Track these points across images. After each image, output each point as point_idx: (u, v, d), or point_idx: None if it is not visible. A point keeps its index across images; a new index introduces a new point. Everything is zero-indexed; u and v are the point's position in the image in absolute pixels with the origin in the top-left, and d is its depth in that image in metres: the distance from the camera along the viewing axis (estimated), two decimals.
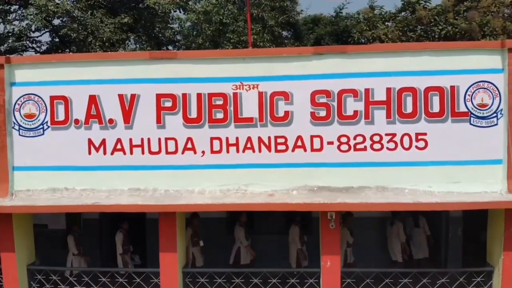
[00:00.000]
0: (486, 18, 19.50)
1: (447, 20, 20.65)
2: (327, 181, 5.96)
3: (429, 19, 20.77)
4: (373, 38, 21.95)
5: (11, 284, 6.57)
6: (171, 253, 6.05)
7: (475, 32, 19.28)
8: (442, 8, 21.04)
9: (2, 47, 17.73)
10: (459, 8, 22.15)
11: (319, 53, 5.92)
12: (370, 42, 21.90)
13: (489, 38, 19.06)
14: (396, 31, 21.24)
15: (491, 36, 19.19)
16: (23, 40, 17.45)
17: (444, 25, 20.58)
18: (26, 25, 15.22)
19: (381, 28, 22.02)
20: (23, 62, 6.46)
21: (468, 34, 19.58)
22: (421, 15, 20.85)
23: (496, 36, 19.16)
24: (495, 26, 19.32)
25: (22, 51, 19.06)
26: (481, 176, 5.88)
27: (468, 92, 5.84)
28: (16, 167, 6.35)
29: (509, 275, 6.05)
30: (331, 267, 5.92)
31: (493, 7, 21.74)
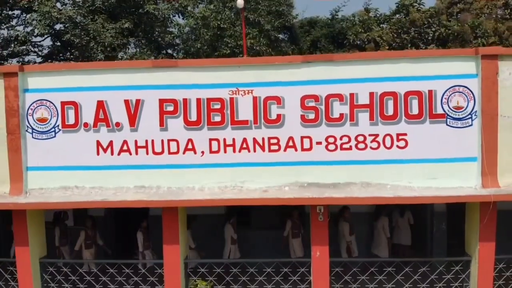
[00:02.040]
0: (478, 20, 20.10)
1: (440, 22, 21.25)
2: (316, 177, 6.55)
3: (423, 21, 21.37)
4: (368, 40, 22.57)
5: (25, 276, 7.14)
6: (174, 245, 6.64)
7: (467, 34, 19.89)
8: (435, 10, 21.64)
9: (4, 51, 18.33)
10: (452, 10, 22.77)
11: (308, 61, 6.52)
12: (365, 44, 22.52)
13: (481, 40, 19.66)
14: (390, 33, 21.85)
15: (482, 38, 19.79)
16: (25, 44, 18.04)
17: (438, 27, 21.19)
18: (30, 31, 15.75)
19: (376, 30, 22.64)
20: (35, 70, 7.04)
21: (460, 36, 20.17)
22: (414, 17, 21.47)
23: (487, 38, 19.75)
24: (487, 28, 19.94)
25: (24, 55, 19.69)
26: (457, 173, 6.47)
27: (444, 95, 6.44)
28: (29, 167, 6.93)
29: (484, 264, 6.64)
30: (320, 256, 6.52)
31: (485, 8, 22.36)
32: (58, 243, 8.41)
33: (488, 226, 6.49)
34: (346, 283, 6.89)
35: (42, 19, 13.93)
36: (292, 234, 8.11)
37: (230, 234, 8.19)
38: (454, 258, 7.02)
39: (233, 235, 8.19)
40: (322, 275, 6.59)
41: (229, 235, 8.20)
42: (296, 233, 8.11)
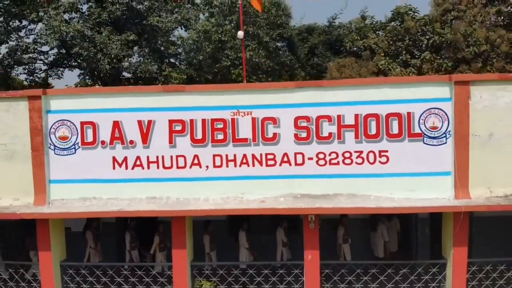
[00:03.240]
0: (470, 29, 20.99)
1: (434, 29, 22.15)
2: (308, 189, 7.47)
3: (417, 29, 22.29)
4: (364, 47, 23.50)
5: (47, 278, 8.07)
6: (182, 249, 7.57)
7: (459, 42, 20.80)
8: (429, 18, 22.52)
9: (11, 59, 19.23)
10: (446, 17, 23.67)
11: (300, 86, 7.44)
12: (361, 51, 23.45)
13: (473, 48, 20.56)
14: (385, 40, 22.78)
15: (474, 46, 20.67)
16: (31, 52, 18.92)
17: (431, 35, 22.09)
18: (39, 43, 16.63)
19: (372, 37, 23.57)
20: (57, 94, 7.97)
21: (453, 44, 21.06)
22: (409, 25, 22.38)
23: (479, 46, 20.63)
24: (479, 36, 20.83)
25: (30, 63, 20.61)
26: (433, 185, 7.39)
27: (421, 117, 7.35)
28: (52, 180, 7.85)
29: (458, 266, 7.57)
30: (312, 259, 7.44)
31: (479, 16, 23.30)
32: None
33: (460, 232, 7.41)
34: (335, 283, 7.81)
35: (52, 32, 14.79)
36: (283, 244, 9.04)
37: (281, 238, 9.04)
38: (431, 261, 7.95)
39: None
40: (313, 276, 7.52)
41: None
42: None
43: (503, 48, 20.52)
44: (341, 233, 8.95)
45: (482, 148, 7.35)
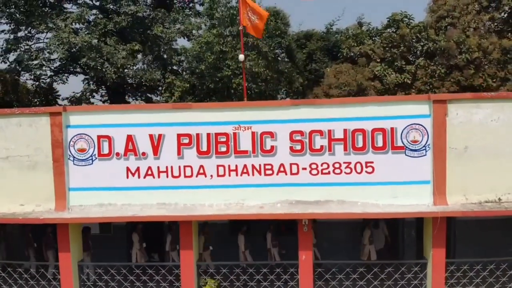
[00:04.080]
0: (462, 37, 21.94)
1: (428, 36, 23.10)
2: (302, 196, 8.44)
3: (411, 36, 23.24)
4: (360, 53, 24.49)
5: (66, 276, 9.02)
6: (189, 250, 8.54)
7: (452, 50, 21.77)
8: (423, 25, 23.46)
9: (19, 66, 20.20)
10: (440, 24, 24.62)
11: (295, 104, 8.41)
12: (357, 57, 24.44)
13: (465, 55, 21.52)
14: (381, 47, 23.75)
15: (467, 53, 21.63)
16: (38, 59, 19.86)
17: (426, 42, 23.04)
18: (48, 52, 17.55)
19: (368, 44, 24.53)
20: (76, 111, 8.93)
21: (446, 51, 22.02)
22: (404, 32, 23.35)
23: (471, 53, 21.58)
24: (471, 43, 21.79)
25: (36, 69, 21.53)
26: (414, 193, 8.35)
27: (404, 131, 8.31)
28: (71, 188, 8.81)
29: (437, 266, 8.52)
30: (305, 259, 8.41)
31: (472, 23, 24.27)
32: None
33: (438, 235, 8.37)
34: (326, 281, 8.78)
35: (61, 43, 15.73)
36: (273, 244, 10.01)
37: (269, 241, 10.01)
38: (413, 261, 8.93)
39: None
40: (307, 274, 8.49)
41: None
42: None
43: (494, 55, 21.46)
44: (367, 235, 9.96)
45: (458, 160, 8.30)
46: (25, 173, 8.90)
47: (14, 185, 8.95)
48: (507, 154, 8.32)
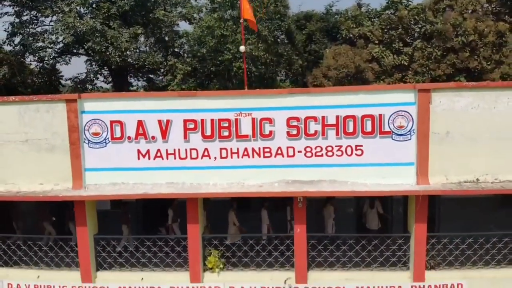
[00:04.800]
0: (459, 19, 22.54)
1: (426, 18, 23.69)
2: (297, 176, 9.39)
3: (409, 18, 23.82)
4: (359, 35, 25.11)
5: (83, 249, 10.07)
6: (195, 224, 9.57)
7: (448, 32, 22.43)
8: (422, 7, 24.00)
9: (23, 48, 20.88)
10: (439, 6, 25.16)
11: (292, 93, 9.27)
12: (356, 39, 25.07)
13: (461, 38, 22.18)
14: (379, 29, 24.35)
15: (463, 36, 22.28)
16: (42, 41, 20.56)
17: (424, 24, 23.66)
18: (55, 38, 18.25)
19: (367, 25, 25.12)
20: (90, 98, 9.76)
21: (443, 34, 22.66)
22: (402, 14, 23.95)
23: (467, 36, 22.23)
24: (467, 26, 22.42)
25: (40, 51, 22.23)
26: (399, 174, 9.29)
27: (390, 118, 9.19)
28: (87, 168, 9.75)
29: (418, 239, 9.55)
30: (300, 232, 9.45)
31: (470, 5, 24.84)
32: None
33: (420, 211, 9.38)
34: (319, 252, 9.85)
35: (66, 28, 16.41)
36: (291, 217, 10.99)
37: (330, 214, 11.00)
38: (398, 234, 9.98)
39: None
40: (301, 246, 9.55)
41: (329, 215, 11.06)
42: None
43: (490, 38, 22.11)
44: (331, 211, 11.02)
45: (440, 144, 9.22)
46: (43, 155, 9.81)
47: (33, 166, 9.86)
48: (485, 139, 9.21)
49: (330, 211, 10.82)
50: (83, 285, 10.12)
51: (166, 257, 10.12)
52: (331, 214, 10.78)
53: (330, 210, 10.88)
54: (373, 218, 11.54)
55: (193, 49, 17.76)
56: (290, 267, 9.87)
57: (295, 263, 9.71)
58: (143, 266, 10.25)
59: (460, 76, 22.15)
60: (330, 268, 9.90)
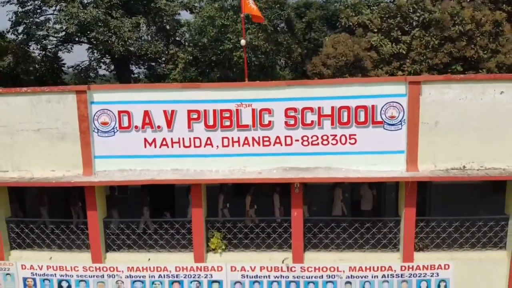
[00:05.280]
0: (456, 8, 22.98)
1: (425, 7, 24.11)
2: (294, 163, 10.09)
3: (408, 7, 24.26)
4: (358, 23, 25.57)
5: (94, 231, 10.83)
6: (199, 208, 10.30)
7: (446, 22, 22.88)
8: None
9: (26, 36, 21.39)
10: None
11: (290, 85, 9.90)
12: (355, 27, 25.53)
13: (458, 27, 22.64)
14: (378, 17, 24.79)
15: (460, 25, 22.74)
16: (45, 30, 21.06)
17: (422, 12, 24.09)
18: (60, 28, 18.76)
19: (366, 14, 25.57)
20: (99, 89, 10.39)
21: (441, 23, 23.12)
22: (401, 3, 24.37)
23: (464, 25, 22.69)
24: (464, 16, 22.87)
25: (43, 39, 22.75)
26: (390, 161, 9.99)
27: (383, 108, 9.84)
28: (96, 156, 10.43)
29: (408, 223, 10.29)
30: (296, 215, 10.19)
31: None
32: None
33: (410, 197, 10.10)
34: (314, 234, 10.61)
35: (70, 18, 16.91)
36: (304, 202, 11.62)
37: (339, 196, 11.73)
38: (389, 218, 10.72)
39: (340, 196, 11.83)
40: (298, 228, 10.30)
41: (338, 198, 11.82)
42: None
43: (487, 27, 22.58)
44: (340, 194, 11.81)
45: (429, 133, 9.89)
46: (55, 144, 10.48)
47: (46, 154, 10.53)
48: (472, 128, 9.87)
49: (338, 193, 11.55)
50: (93, 265, 10.90)
51: (171, 239, 10.89)
52: (339, 196, 11.49)
53: (338, 192, 11.60)
54: (368, 200, 12.29)
55: (194, 39, 18.26)
56: (288, 248, 10.64)
57: (292, 245, 10.49)
58: (150, 248, 11.03)
59: (456, 65, 22.69)
60: (325, 249, 10.68)
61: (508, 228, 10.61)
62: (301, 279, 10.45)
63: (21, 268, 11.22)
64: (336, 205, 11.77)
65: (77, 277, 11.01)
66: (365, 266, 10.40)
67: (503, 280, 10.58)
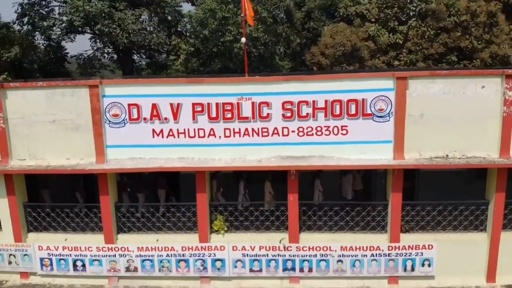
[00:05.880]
0: (452, 0, 23.77)
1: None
2: (291, 152, 11.13)
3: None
4: (356, 13, 26.36)
5: (106, 215, 11.94)
6: (203, 193, 11.40)
7: (442, 13, 23.69)
8: None
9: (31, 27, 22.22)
10: None
11: (287, 80, 10.89)
12: (354, 17, 26.32)
13: (453, 18, 23.46)
14: (376, 8, 25.58)
15: (455, 16, 23.55)
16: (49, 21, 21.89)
17: (419, 2, 24.87)
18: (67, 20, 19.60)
19: (364, 3, 26.36)
20: (110, 84, 11.36)
21: (437, 14, 23.93)
22: None
23: (459, 16, 23.50)
24: (460, 7, 23.66)
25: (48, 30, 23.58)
26: (379, 150, 11.03)
27: (372, 102, 10.84)
28: (108, 145, 11.47)
29: (394, 207, 11.40)
30: (292, 200, 11.29)
31: None
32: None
33: (396, 183, 11.18)
34: (309, 216, 11.73)
35: (75, 11, 17.77)
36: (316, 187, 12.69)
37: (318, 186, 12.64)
38: (378, 202, 11.82)
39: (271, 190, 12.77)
40: (294, 211, 11.41)
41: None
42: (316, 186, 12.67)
43: (481, 18, 23.38)
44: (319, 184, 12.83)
45: (415, 124, 10.90)
46: (69, 134, 11.50)
47: (61, 144, 11.56)
48: (455, 120, 10.86)
49: (317, 183, 12.63)
50: (106, 245, 12.04)
51: (178, 222, 12.02)
52: (318, 186, 12.59)
53: (317, 183, 12.68)
54: (358, 182, 13.37)
55: (195, 30, 19.11)
56: (285, 230, 11.77)
57: (288, 226, 11.61)
58: (158, 230, 12.17)
59: (451, 55, 23.57)
60: (319, 231, 11.82)
61: (488, 212, 11.70)
62: (296, 258, 11.61)
63: (38, 249, 12.35)
64: (315, 194, 12.78)
65: (91, 256, 12.16)
66: (356, 246, 11.54)
67: (483, 260, 11.72)
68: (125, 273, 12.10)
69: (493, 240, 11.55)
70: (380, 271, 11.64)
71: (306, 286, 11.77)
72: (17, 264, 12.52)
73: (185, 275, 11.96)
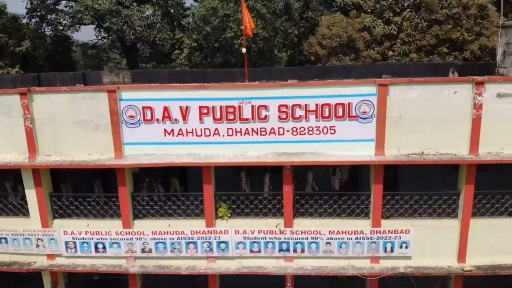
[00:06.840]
0: None
1: None
2: (286, 149, 13.05)
3: None
4: (352, 4, 27.89)
5: (124, 204, 13.94)
6: (209, 185, 13.40)
7: (434, 5, 25.25)
8: None
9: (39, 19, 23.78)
10: None
11: (282, 86, 12.72)
12: (350, 8, 27.80)
13: (446, 10, 25.02)
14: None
15: (447, 9, 25.11)
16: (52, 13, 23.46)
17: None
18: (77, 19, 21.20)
19: None
20: (126, 89, 13.19)
21: (429, 6, 25.48)
22: None
23: (451, 8, 25.06)
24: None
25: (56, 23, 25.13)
26: (362, 148, 12.92)
27: (357, 105, 12.67)
28: (125, 143, 13.35)
29: (376, 196, 13.37)
30: (287, 191, 13.29)
31: None
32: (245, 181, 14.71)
33: (378, 176, 13.14)
34: (302, 204, 13.75)
35: (85, 9, 19.36)
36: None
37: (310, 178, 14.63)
38: (362, 192, 13.83)
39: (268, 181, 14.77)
40: (288, 200, 13.44)
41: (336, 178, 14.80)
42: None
43: (472, 10, 24.97)
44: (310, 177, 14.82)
45: (395, 125, 12.74)
46: (90, 133, 13.37)
47: (83, 141, 13.41)
48: (430, 121, 12.65)
49: (309, 176, 14.61)
50: (124, 230, 14.10)
51: (187, 209, 14.06)
52: (310, 178, 14.56)
53: (309, 175, 14.64)
54: (344, 173, 15.33)
55: (198, 26, 20.67)
56: (280, 216, 13.82)
57: (284, 213, 13.65)
58: (170, 216, 14.21)
59: (443, 46, 25.24)
60: (310, 217, 13.87)
61: (459, 201, 13.69)
62: (290, 240, 13.71)
63: (63, 234, 14.38)
64: (308, 184, 14.75)
65: (111, 240, 14.21)
66: (342, 230, 13.59)
67: (454, 243, 13.74)
68: (141, 254, 14.20)
69: (463, 226, 13.50)
70: (363, 252, 13.73)
71: (299, 265, 13.90)
72: (44, 247, 14.53)
73: (194, 256, 14.08)
